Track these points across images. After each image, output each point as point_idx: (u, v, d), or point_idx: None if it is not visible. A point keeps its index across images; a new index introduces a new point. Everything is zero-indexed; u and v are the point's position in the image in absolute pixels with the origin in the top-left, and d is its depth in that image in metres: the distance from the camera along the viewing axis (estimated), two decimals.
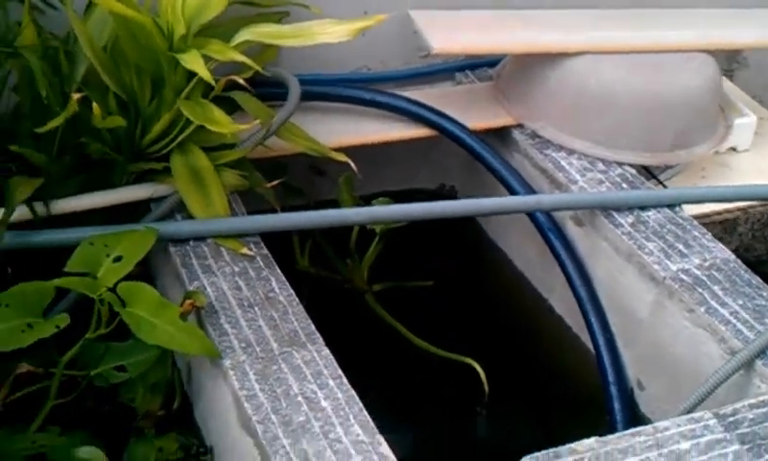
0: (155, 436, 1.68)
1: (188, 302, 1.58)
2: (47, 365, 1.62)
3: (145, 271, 1.78)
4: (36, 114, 1.70)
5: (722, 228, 2.17)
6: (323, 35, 1.79)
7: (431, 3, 2.26)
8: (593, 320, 1.95)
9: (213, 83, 1.67)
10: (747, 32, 2.37)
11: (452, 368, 1.99)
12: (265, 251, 1.80)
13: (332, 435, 1.45)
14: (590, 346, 1.97)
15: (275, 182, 1.89)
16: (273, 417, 1.47)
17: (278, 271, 1.76)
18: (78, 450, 1.53)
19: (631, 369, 1.94)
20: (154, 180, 1.85)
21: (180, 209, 1.84)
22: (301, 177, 2.19)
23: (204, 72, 1.63)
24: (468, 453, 1.84)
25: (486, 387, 1.94)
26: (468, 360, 1.97)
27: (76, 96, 1.59)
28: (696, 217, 2.01)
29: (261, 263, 1.77)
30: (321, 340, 1.62)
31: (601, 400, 1.89)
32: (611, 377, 1.90)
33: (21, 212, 1.71)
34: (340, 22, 1.82)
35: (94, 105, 1.61)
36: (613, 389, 1.89)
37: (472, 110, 2.22)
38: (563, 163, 2.12)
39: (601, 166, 2.12)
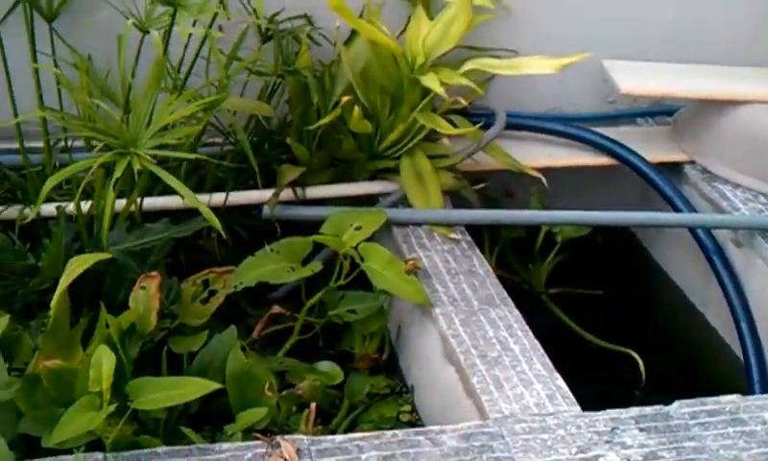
0: (368, 375, 2.21)
1: (411, 262, 2.11)
2: (294, 310, 2.18)
3: None
4: (305, 119, 2.30)
5: None
6: (531, 67, 2.30)
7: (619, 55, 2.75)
8: (744, 327, 2.32)
9: (446, 97, 2.22)
10: None
11: (614, 361, 2.41)
12: (468, 237, 2.31)
13: (518, 368, 1.92)
14: (741, 355, 2.33)
15: (479, 186, 2.41)
16: (472, 350, 1.96)
17: (479, 252, 2.26)
18: (319, 364, 2.07)
19: None
20: (384, 178, 2.40)
21: (403, 202, 2.37)
22: (495, 197, 2.68)
23: (439, 89, 2.18)
24: None
25: (643, 375, 2.35)
26: (629, 351, 2.38)
27: (345, 99, 2.18)
28: None
29: (465, 246, 2.28)
30: (512, 303, 2.11)
31: None
32: (756, 378, 2.24)
33: (287, 194, 2.30)
34: (547, 58, 2.32)
35: (356, 108, 2.19)
36: (757, 387, 2.23)
37: (651, 147, 2.67)
38: (728, 194, 2.54)
39: (763, 199, 2.53)
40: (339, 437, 1.72)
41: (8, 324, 1.94)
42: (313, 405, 1.89)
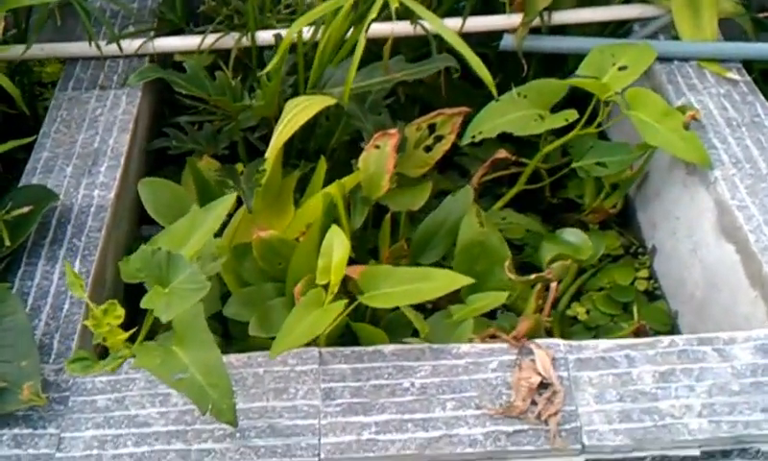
0: (599, 231, 1.72)
1: (690, 113, 1.53)
2: (524, 155, 1.69)
3: None
4: None
5: None
6: None
7: None
8: None
9: None
10: None
11: None
12: (748, 77, 1.68)
13: None
14: None
15: (762, 15, 1.79)
16: (764, 229, 1.41)
17: (762, 97, 1.65)
18: (564, 233, 1.58)
19: None
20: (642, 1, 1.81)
21: (664, 32, 1.78)
22: None
23: None
24: None
25: None
26: None
27: None
28: None
29: (745, 89, 1.66)
30: None
31: None
32: None
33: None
34: None
35: None
36: None
37: None
38: None
39: None
40: (603, 343, 1.24)
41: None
42: (554, 285, 1.42)
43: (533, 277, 1.38)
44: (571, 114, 1.53)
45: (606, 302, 1.60)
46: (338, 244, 1.19)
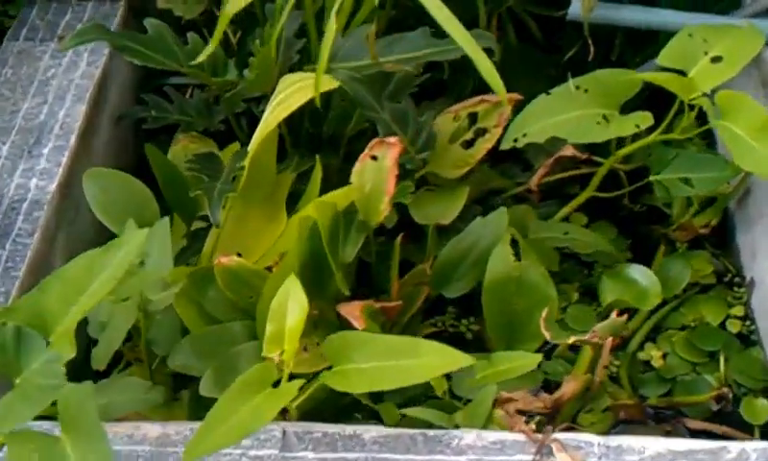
0: (686, 252, 1.37)
1: None
2: (597, 152, 1.34)
3: None
4: None
5: None
6: None
7: None
8: None
9: None
10: None
11: None
12: None
13: None
14: None
15: None
16: None
17: None
18: (629, 270, 1.24)
19: None
20: None
21: None
22: None
23: None
24: None
25: None
26: None
27: None
28: None
29: None
30: None
31: None
32: None
33: None
34: None
35: None
36: None
37: None
38: None
39: None
40: (651, 444, 0.92)
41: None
42: (608, 342, 1.10)
43: (571, 339, 1.06)
44: (645, 118, 1.17)
45: (687, 347, 1.25)
46: (294, 303, 0.88)
